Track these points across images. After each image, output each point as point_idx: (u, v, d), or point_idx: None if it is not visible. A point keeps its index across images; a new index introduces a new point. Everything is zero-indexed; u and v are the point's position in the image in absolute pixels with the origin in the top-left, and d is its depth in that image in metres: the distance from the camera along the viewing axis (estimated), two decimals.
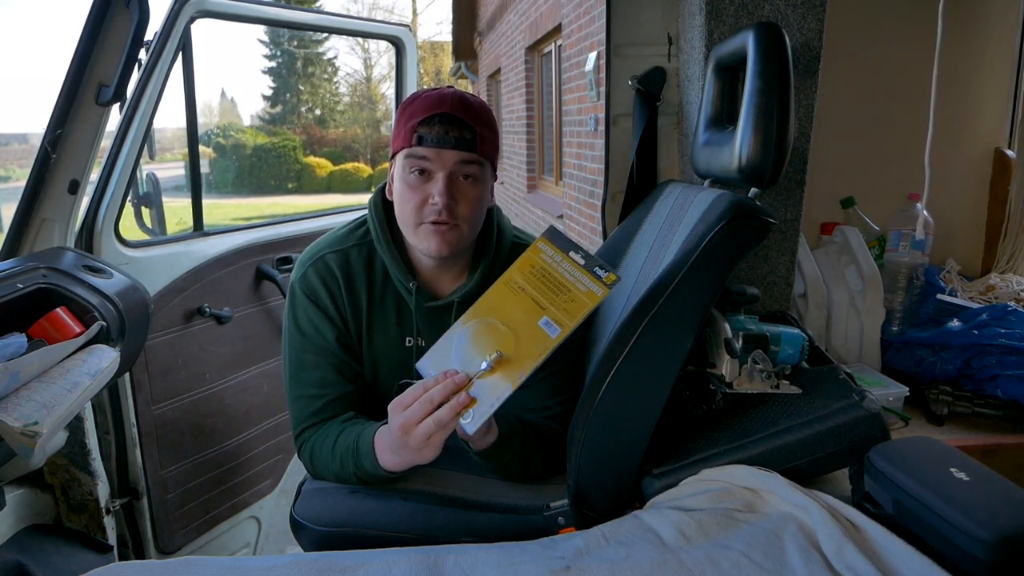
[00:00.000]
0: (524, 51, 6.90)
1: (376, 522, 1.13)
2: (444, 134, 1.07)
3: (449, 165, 1.08)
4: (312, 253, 1.21)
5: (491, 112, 1.15)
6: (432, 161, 1.08)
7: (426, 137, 1.07)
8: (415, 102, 1.10)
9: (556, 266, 0.98)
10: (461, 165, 1.09)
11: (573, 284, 0.96)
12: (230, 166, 16.98)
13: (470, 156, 1.09)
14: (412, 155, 1.09)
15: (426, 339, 1.21)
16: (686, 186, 1.38)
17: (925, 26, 1.46)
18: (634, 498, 1.09)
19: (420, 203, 1.09)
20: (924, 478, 0.86)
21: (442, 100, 1.08)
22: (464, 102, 1.09)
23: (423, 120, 1.07)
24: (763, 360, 1.16)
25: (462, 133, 1.08)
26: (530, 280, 0.98)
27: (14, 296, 1.19)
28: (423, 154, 1.08)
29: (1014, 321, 1.51)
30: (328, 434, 1.16)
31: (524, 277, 0.99)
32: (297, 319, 1.20)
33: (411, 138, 1.08)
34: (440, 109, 1.07)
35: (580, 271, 0.97)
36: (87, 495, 1.50)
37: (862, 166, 1.87)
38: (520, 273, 0.99)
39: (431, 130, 1.07)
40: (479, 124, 1.09)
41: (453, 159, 1.08)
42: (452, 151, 1.07)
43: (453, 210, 1.09)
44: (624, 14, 1.59)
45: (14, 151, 14.89)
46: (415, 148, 1.08)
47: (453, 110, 1.07)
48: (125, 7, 1.34)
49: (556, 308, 0.95)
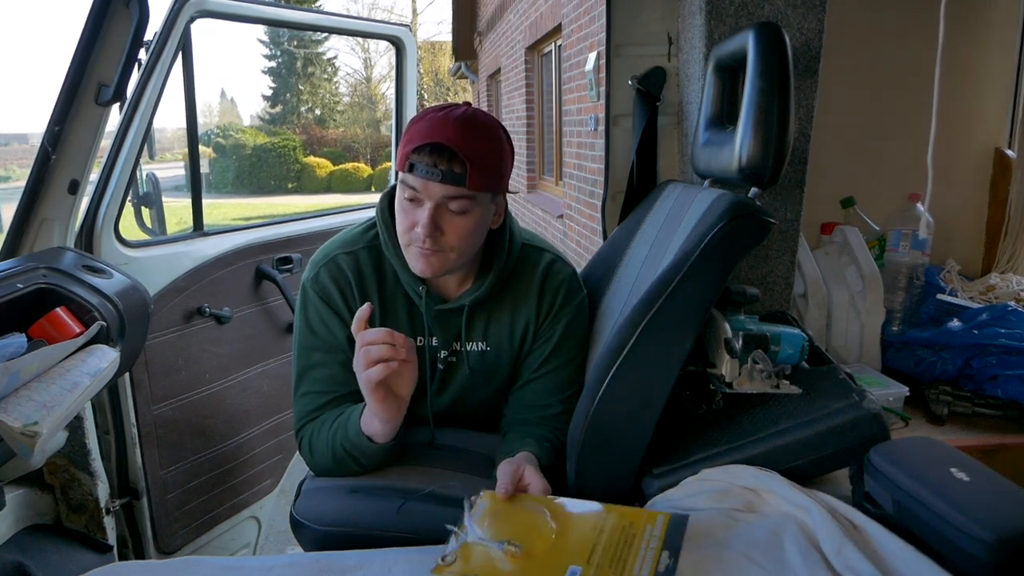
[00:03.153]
0: (524, 51, 6.90)
1: (376, 522, 1.13)
2: (432, 167, 1.04)
3: (436, 198, 1.07)
4: (324, 253, 1.22)
5: (498, 136, 1.11)
6: (420, 191, 1.07)
7: (416, 166, 1.05)
8: (419, 123, 1.08)
9: (642, 547, 0.88)
10: (448, 199, 1.07)
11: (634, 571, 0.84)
12: (230, 166, 16.99)
13: (457, 191, 1.06)
14: (404, 181, 1.08)
15: (437, 338, 1.22)
16: (686, 186, 1.38)
17: (926, 26, 1.46)
18: (634, 498, 1.09)
19: (409, 226, 1.10)
20: (924, 478, 0.86)
21: (443, 126, 1.05)
22: (463, 130, 1.05)
23: (416, 148, 1.05)
24: (763, 360, 1.16)
25: (451, 167, 1.04)
26: (613, 531, 0.91)
27: (14, 296, 1.19)
28: (412, 183, 1.07)
29: (1014, 321, 1.51)
30: (326, 418, 1.18)
31: (612, 525, 0.92)
32: (308, 318, 1.21)
33: (404, 163, 1.07)
34: (434, 138, 1.04)
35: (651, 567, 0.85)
36: (87, 495, 1.50)
37: (862, 166, 1.86)
38: (617, 517, 0.93)
39: (421, 159, 1.05)
40: (474, 155, 1.04)
41: (440, 192, 1.06)
42: (439, 184, 1.05)
43: (437, 239, 1.08)
44: (624, 14, 1.59)
45: (14, 151, 14.90)
46: (407, 175, 1.07)
47: (448, 140, 1.03)
48: (125, 7, 1.34)
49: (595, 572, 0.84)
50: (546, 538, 0.90)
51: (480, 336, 1.23)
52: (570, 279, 1.26)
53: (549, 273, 1.24)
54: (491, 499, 0.98)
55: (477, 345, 1.23)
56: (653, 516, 0.93)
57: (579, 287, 1.27)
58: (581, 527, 0.93)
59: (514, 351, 1.24)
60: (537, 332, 1.24)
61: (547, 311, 1.23)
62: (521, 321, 1.23)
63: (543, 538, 0.90)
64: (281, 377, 2.05)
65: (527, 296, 1.23)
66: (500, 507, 0.97)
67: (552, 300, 1.23)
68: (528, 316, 1.23)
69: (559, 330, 1.23)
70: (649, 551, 0.87)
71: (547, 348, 1.23)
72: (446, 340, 1.23)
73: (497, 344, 1.24)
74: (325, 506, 1.16)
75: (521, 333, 1.24)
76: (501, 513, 0.95)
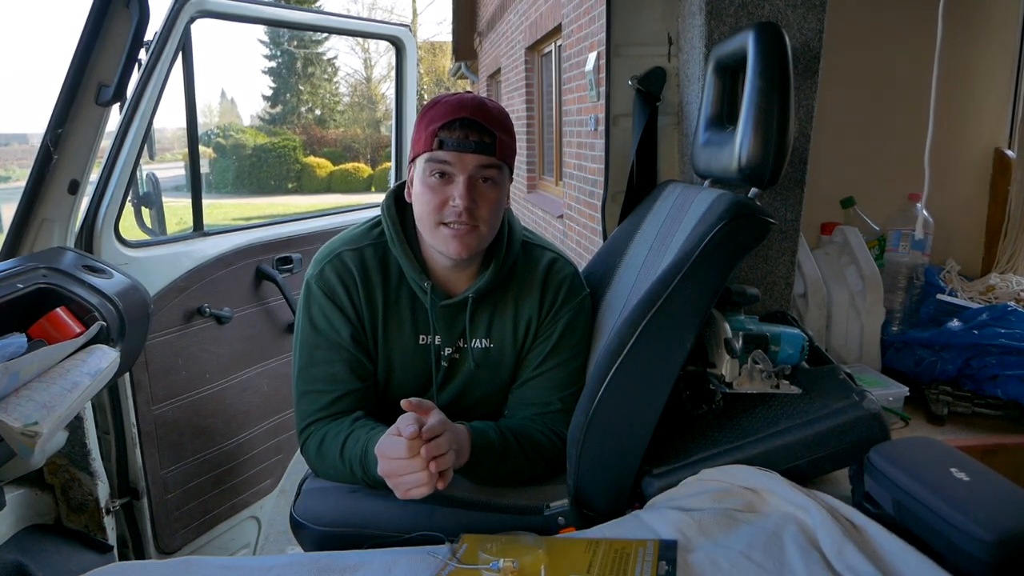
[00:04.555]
0: (524, 51, 6.90)
1: (376, 522, 1.13)
2: (464, 138, 1.10)
3: (469, 168, 1.11)
4: (329, 251, 1.22)
5: (509, 116, 1.17)
6: (453, 165, 1.11)
7: (447, 141, 1.10)
8: (436, 107, 1.13)
9: (639, 562, 0.90)
10: (481, 169, 1.12)
11: None
12: (230, 166, 16.99)
13: (490, 160, 1.11)
14: (433, 159, 1.11)
15: (441, 336, 1.22)
16: (686, 186, 1.38)
17: (925, 26, 1.46)
18: (634, 498, 1.09)
19: (440, 205, 1.12)
20: (924, 478, 0.86)
21: (463, 105, 1.11)
22: (483, 107, 1.12)
23: (444, 124, 1.10)
24: (763, 360, 1.16)
25: (481, 137, 1.10)
26: (607, 552, 0.92)
27: (14, 296, 1.19)
28: (444, 158, 1.11)
29: (1014, 321, 1.51)
30: (337, 434, 1.16)
31: (604, 548, 0.93)
32: (312, 315, 1.21)
33: (432, 142, 1.11)
34: (461, 114, 1.10)
35: None
36: (87, 495, 1.50)
37: (862, 166, 1.86)
38: (608, 543, 0.94)
39: (452, 134, 1.10)
40: (498, 129, 1.12)
41: (473, 163, 1.11)
42: (472, 155, 1.10)
43: (473, 212, 1.11)
44: (624, 14, 1.59)
45: (14, 151, 14.91)
46: (436, 152, 1.11)
47: (473, 115, 1.10)
48: (125, 7, 1.34)
49: None
50: (540, 559, 0.91)
51: (484, 333, 1.24)
52: (572, 277, 1.26)
53: (551, 271, 1.25)
54: (472, 542, 0.98)
55: (481, 342, 1.24)
56: (643, 541, 0.94)
57: (581, 286, 1.27)
58: (574, 549, 0.94)
59: (517, 348, 1.25)
60: (538, 329, 1.24)
61: (549, 308, 1.24)
62: (524, 318, 1.24)
63: (536, 560, 0.91)
64: (281, 377, 2.05)
65: (530, 293, 1.24)
66: (485, 545, 0.97)
67: (554, 298, 1.24)
68: (531, 313, 1.23)
69: (560, 328, 1.24)
70: (646, 563, 0.89)
71: (547, 346, 1.24)
72: (450, 337, 1.23)
73: (500, 341, 1.24)
74: (325, 506, 1.17)
75: (524, 330, 1.24)
76: (487, 548, 0.95)
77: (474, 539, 0.99)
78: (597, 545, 0.94)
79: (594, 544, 0.95)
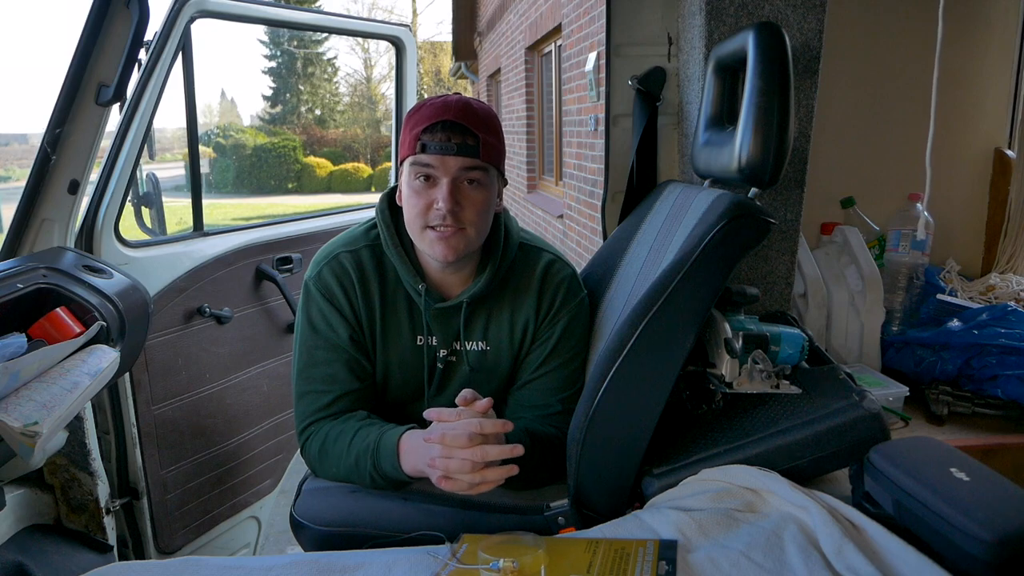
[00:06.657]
0: (524, 51, 6.90)
1: (376, 522, 1.13)
2: (447, 141, 1.09)
3: (452, 171, 1.10)
4: (327, 252, 1.23)
5: (496, 118, 1.16)
6: (436, 168, 1.10)
7: (429, 144, 1.10)
8: (420, 110, 1.13)
9: (639, 562, 0.90)
10: (464, 171, 1.11)
11: None
12: (230, 166, 16.98)
13: (473, 162, 1.11)
14: (417, 162, 1.11)
15: (437, 338, 1.22)
16: (686, 186, 1.38)
17: (925, 26, 1.46)
18: (634, 498, 1.09)
19: (425, 208, 1.12)
20: (924, 478, 0.86)
21: (446, 107, 1.10)
22: (468, 109, 1.11)
23: (426, 128, 1.09)
24: (763, 360, 1.16)
25: (464, 140, 1.10)
26: (607, 552, 0.92)
27: (14, 296, 1.19)
28: (427, 161, 1.10)
29: (1014, 321, 1.51)
30: (344, 430, 1.16)
31: (604, 548, 0.93)
32: (311, 316, 1.21)
33: (415, 145, 1.11)
34: (443, 116, 1.09)
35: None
36: (87, 495, 1.50)
37: (862, 166, 1.86)
38: (607, 543, 0.94)
39: (434, 137, 1.09)
40: (482, 130, 1.11)
41: (456, 165, 1.10)
42: (455, 158, 1.10)
43: (458, 214, 1.11)
44: (624, 14, 1.59)
45: (14, 151, 14.91)
46: (419, 155, 1.11)
47: (456, 117, 1.09)
48: (125, 7, 1.34)
49: None
50: (539, 559, 0.91)
51: (480, 336, 1.23)
52: (570, 279, 1.26)
53: (549, 273, 1.24)
54: (472, 542, 0.98)
55: (477, 345, 1.24)
56: (643, 541, 0.94)
57: (579, 287, 1.27)
58: (574, 549, 0.94)
59: (514, 351, 1.25)
60: (536, 332, 1.24)
61: (547, 311, 1.24)
62: (520, 320, 1.23)
63: (536, 560, 0.91)
64: (281, 377, 2.05)
65: (527, 295, 1.23)
66: (484, 545, 0.97)
67: (552, 300, 1.24)
68: (528, 315, 1.23)
69: (558, 330, 1.23)
70: (646, 563, 0.89)
71: (546, 348, 1.23)
72: (446, 339, 1.23)
73: (497, 344, 1.24)
74: (325, 506, 1.17)
75: (521, 333, 1.24)
76: (487, 548, 0.95)
77: (474, 539, 0.99)
78: (597, 545, 0.94)
79: (594, 544, 0.95)
